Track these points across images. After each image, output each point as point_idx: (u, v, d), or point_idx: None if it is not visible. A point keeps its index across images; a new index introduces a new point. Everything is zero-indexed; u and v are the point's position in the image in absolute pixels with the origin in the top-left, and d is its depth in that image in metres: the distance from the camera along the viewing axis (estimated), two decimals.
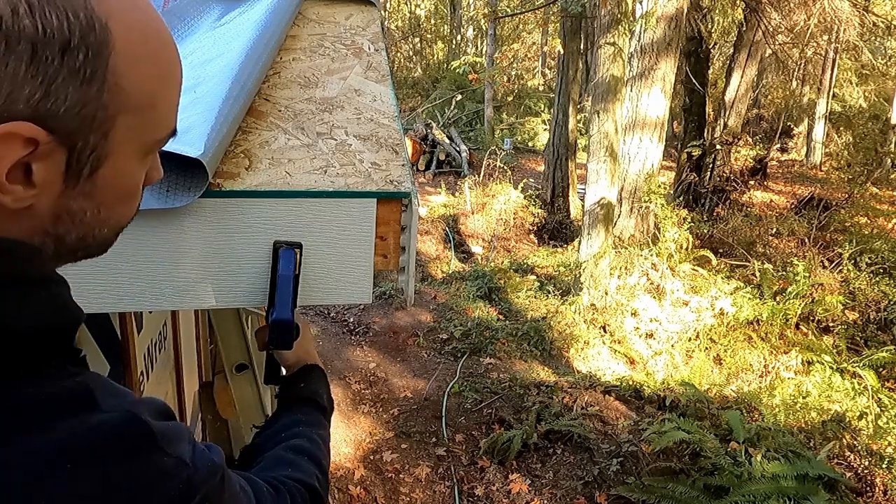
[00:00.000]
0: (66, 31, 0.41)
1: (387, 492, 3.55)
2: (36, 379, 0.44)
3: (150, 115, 0.49)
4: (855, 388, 4.84)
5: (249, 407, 1.69)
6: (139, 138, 0.49)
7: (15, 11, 0.39)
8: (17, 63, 0.40)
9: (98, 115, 0.45)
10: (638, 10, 7.04)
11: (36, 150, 0.42)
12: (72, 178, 0.46)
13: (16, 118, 0.41)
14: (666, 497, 3.22)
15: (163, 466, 0.47)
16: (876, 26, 10.22)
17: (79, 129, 0.44)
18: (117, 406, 0.46)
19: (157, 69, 0.48)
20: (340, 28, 1.21)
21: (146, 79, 0.47)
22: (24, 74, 0.40)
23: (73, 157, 0.45)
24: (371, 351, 5.25)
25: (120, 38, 0.44)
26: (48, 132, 0.42)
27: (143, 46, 0.47)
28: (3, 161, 0.41)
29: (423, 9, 25.79)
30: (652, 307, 6.15)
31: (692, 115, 10.22)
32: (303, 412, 0.91)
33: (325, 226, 0.96)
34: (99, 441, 0.44)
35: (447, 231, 9.12)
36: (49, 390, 0.44)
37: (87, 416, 0.44)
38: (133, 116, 0.47)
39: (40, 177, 0.44)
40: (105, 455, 0.44)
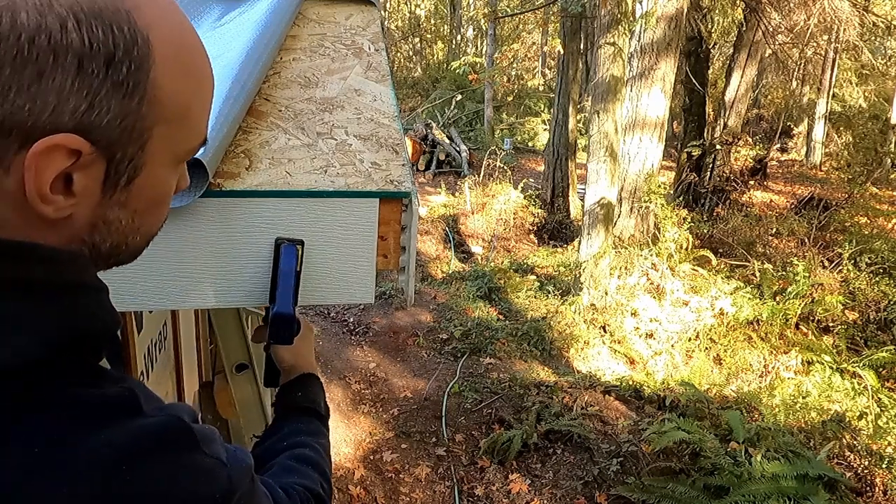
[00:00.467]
0: (111, 45, 0.42)
1: (387, 492, 3.55)
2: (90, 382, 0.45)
3: (185, 125, 0.50)
4: (855, 388, 4.84)
5: (249, 407, 1.69)
6: (173, 148, 0.50)
7: (63, 26, 0.40)
8: (63, 76, 0.41)
9: (137, 126, 0.46)
10: (638, 10, 7.04)
11: (78, 160, 0.43)
12: (109, 188, 0.47)
13: (60, 130, 0.42)
14: (666, 497, 3.22)
15: (205, 467, 0.48)
16: (876, 26, 10.23)
17: (118, 140, 0.45)
18: (159, 410, 0.48)
19: (192, 81, 0.50)
20: (340, 28, 1.21)
21: (182, 91, 0.48)
22: (70, 87, 0.41)
23: (112, 167, 0.46)
24: (371, 351, 5.25)
25: (160, 51, 0.45)
26: (91, 143, 0.43)
27: (181, 59, 0.48)
28: (47, 172, 0.42)
29: (423, 9, 25.78)
30: (652, 307, 6.15)
31: (692, 115, 10.22)
32: (303, 421, 0.92)
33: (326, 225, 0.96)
34: (148, 443, 0.45)
35: (447, 231, 9.12)
36: (103, 393, 0.45)
37: (134, 419, 0.45)
38: (168, 127, 0.48)
39: (80, 186, 0.45)
40: (154, 456, 0.45)
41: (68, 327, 0.45)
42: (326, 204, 0.95)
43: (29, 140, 0.41)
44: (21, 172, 0.42)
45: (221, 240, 0.91)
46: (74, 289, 0.47)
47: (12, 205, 0.43)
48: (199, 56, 0.51)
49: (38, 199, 0.43)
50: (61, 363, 0.44)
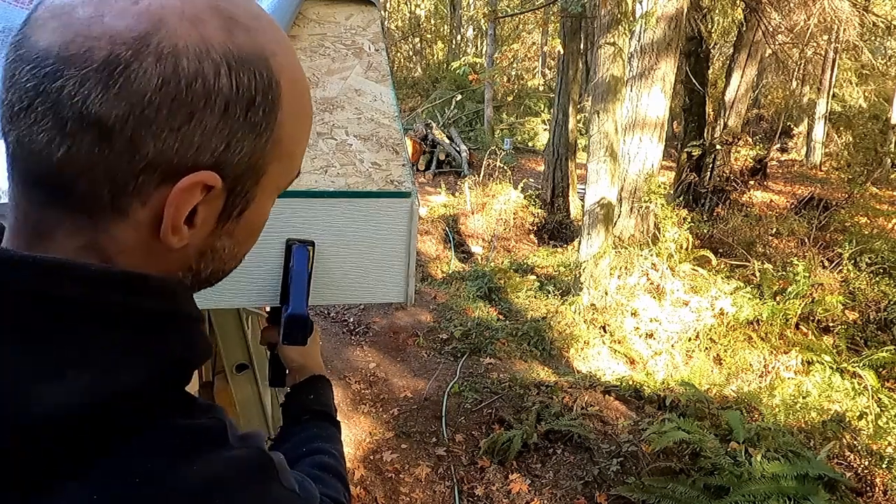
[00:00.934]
0: (252, 91, 0.45)
1: (387, 492, 3.55)
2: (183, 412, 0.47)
3: (292, 161, 0.53)
4: (855, 388, 4.84)
5: (249, 407, 1.69)
6: (279, 182, 0.53)
7: (217, 73, 0.43)
8: (210, 118, 0.43)
9: (259, 163, 0.49)
10: (638, 10, 7.03)
11: (207, 195, 0.46)
12: (223, 219, 0.50)
13: (200, 168, 0.44)
14: (666, 497, 3.22)
15: (283, 499, 0.50)
16: (876, 26, 10.22)
17: (242, 176, 0.48)
18: (241, 440, 0.49)
19: (305, 122, 0.53)
20: (341, 28, 1.21)
21: (297, 131, 0.52)
22: (214, 129, 0.44)
23: (230, 200, 0.49)
24: (371, 351, 5.25)
25: (287, 93, 0.48)
26: (222, 179, 0.46)
27: (300, 102, 0.51)
28: (184, 206, 0.45)
29: (423, 9, 25.78)
30: (652, 307, 6.15)
31: (692, 115, 10.22)
32: (318, 426, 0.91)
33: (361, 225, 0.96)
34: (238, 475, 0.47)
35: (447, 231, 9.12)
36: (195, 423, 0.47)
37: (224, 450, 0.47)
38: (281, 163, 0.51)
39: (201, 219, 0.47)
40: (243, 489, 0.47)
41: (171, 357, 0.47)
42: (355, 204, 0.95)
43: (170, 176, 0.44)
44: (157, 205, 0.44)
45: None
46: (178, 320, 0.49)
47: (140, 234, 0.46)
48: (310, 99, 0.54)
49: (171, 230, 0.45)
50: (160, 392, 0.46)
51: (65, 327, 0.42)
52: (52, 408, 0.40)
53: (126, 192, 0.43)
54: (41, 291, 0.42)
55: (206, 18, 0.43)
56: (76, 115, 0.41)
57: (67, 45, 0.41)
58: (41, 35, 0.42)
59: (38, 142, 0.42)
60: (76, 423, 0.41)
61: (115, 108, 0.41)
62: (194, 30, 0.43)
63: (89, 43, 0.41)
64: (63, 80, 0.40)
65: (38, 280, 0.42)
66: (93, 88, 0.40)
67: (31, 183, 0.44)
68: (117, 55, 0.41)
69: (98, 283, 0.43)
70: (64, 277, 0.42)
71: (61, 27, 0.41)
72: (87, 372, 0.42)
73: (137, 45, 0.41)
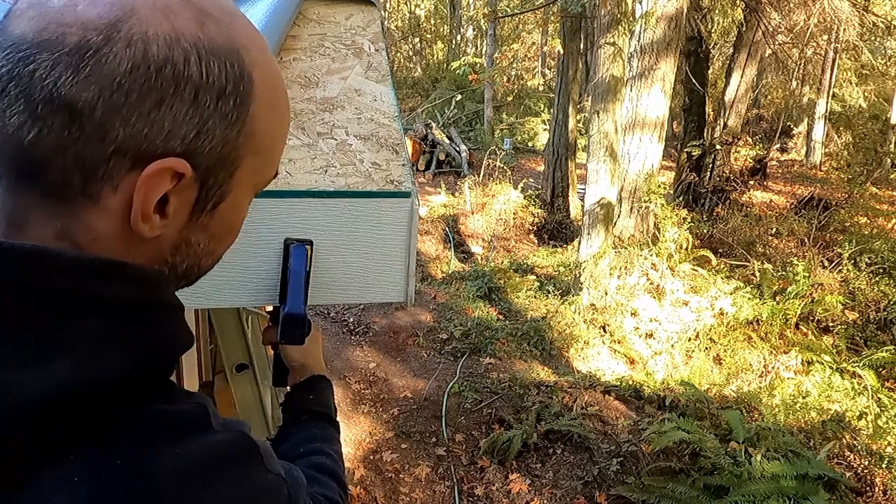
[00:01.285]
0: (223, 80, 0.46)
1: (387, 492, 3.55)
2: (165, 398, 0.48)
3: (268, 157, 0.54)
4: (855, 388, 4.84)
5: (249, 407, 1.69)
6: (255, 178, 0.54)
7: (187, 60, 0.44)
8: (180, 105, 0.44)
9: (232, 155, 0.49)
10: (638, 10, 7.04)
11: (178, 183, 0.46)
12: (197, 212, 0.50)
13: (170, 154, 0.45)
14: (666, 497, 3.22)
15: (270, 483, 0.51)
16: (876, 26, 10.22)
17: (214, 167, 0.48)
18: (223, 426, 0.50)
19: (280, 117, 0.54)
20: (341, 28, 1.21)
21: (272, 125, 0.52)
22: (185, 115, 0.45)
23: (203, 192, 0.49)
24: (371, 351, 5.25)
25: (259, 87, 0.49)
26: (192, 168, 0.46)
27: (274, 96, 0.52)
28: (153, 193, 0.45)
29: (423, 9, 25.78)
30: (652, 307, 6.15)
31: (692, 115, 10.22)
32: (317, 427, 0.91)
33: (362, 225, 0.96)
34: (221, 458, 0.47)
35: (447, 231, 9.12)
36: (177, 409, 0.47)
37: (206, 434, 0.48)
38: (256, 158, 0.52)
39: (173, 209, 0.48)
40: (226, 471, 0.47)
41: (152, 346, 0.47)
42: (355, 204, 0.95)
43: (140, 162, 0.44)
44: (128, 191, 0.45)
45: None
46: (159, 309, 0.49)
47: (112, 222, 0.46)
48: (286, 95, 0.55)
49: (141, 217, 0.46)
50: (141, 381, 0.46)
51: (43, 315, 0.42)
52: (32, 395, 0.40)
53: (96, 176, 0.44)
54: (18, 279, 0.42)
55: (177, 10, 0.45)
56: (47, 97, 0.41)
57: (41, 32, 0.42)
58: (18, 24, 0.43)
59: (11, 125, 0.42)
60: (57, 411, 0.41)
61: (85, 91, 0.41)
62: (165, 19, 0.44)
63: (62, 29, 0.42)
64: (35, 64, 0.41)
65: (15, 268, 0.42)
66: (63, 72, 0.41)
67: (6, 168, 0.45)
68: (88, 40, 0.42)
69: (75, 271, 0.44)
70: (40, 265, 0.43)
71: (37, 16, 0.43)
72: (67, 360, 0.42)
73: (108, 30, 0.42)
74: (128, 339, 0.45)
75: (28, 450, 0.40)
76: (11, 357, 0.41)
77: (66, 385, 0.41)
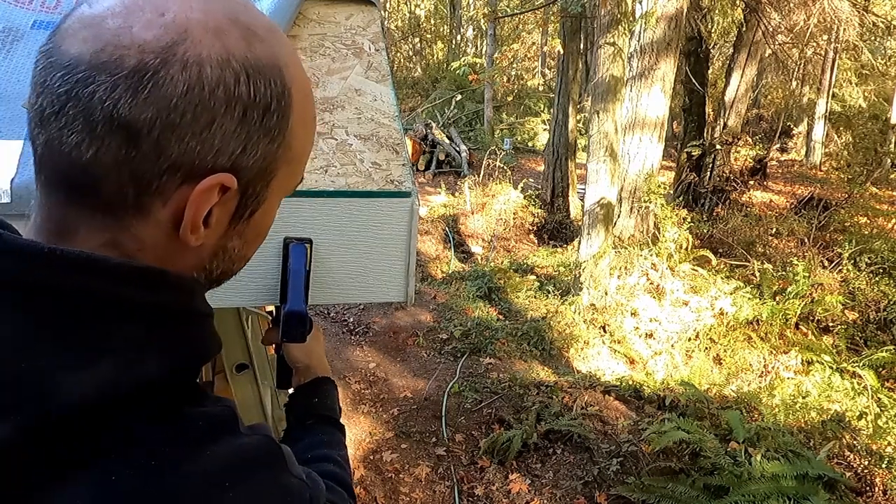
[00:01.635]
0: (268, 98, 0.48)
1: (387, 492, 3.55)
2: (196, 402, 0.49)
3: (299, 165, 0.56)
4: (855, 388, 4.84)
5: (249, 407, 1.69)
6: (286, 186, 0.56)
7: (237, 80, 0.46)
8: (230, 123, 0.46)
9: (270, 167, 0.51)
10: (638, 10, 7.04)
11: (223, 196, 0.48)
12: (235, 221, 0.52)
13: (219, 170, 0.47)
14: (666, 497, 3.22)
15: (294, 486, 0.52)
16: (876, 26, 10.23)
17: (254, 179, 0.50)
18: (253, 429, 0.51)
19: (311, 128, 0.56)
20: (341, 28, 1.21)
21: (304, 136, 0.54)
22: (233, 132, 0.46)
23: (243, 201, 0.51)
24: (371, 351, 5.25)
25: (297, 102, 0.51)
26: (237, 181, 0.48)
27: (308, 109, 0.54)
28: (203, 206, 0.47)
29: (423, 9, 25.78)
30: (652, 307, 6.15)
31: (692, 115, 10.22)
32: (324, 432, 0.91)
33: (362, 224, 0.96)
34: (249, 461, 0.49)
35: (447, 231, 9.12)
36: (207, 412, 0.49)
37: (235, 437, 0.49)
38: (289, 167, 0.54)
39: (215, 219, 0.50)
40: (255, 474, 0.49)
41: (187, 351, 0.50)
42: (355, 204, 0.95)
43: (191, 177, 0.46)
44: (177, 205, 0.47)
45: None
46: (193, 316, 0.51)
47: (159, 232, 0.48)
48: (314, 107, 0.57)
49: (190, 229, 0.48)
50: (174, 384, 0.48)
51: (87, 319, 0.44)
52: (75, 397, 0.42)
53: (149, 191, 0.46)
54: (67, 284, 0.44)
55: (227, 30, 0.46)
56: (106, 118, 0.43)
57: (98, 54, 0.43)
58: (72, 44, 0.44)
59: (68, 143, 0.44)
60: (98, 412, 0.42)
61: (144, 112, 0.43)
62: (217, 40, 0.45)
63: (119, 52, 0.43)
64: (95, 86, 0.43)
65: (62, 272, 0.44)
66: (123, 94, 0.43)
67: (58, 183, 0.46)
68: (146, 63, 0.43)
69: (119, 277, 0.45)
70: (86, 270, 0.44)
71: (92, 37, 0.44)
72: (109, 363, 0.44)
73: (165, 53, 0.43)
74: (165, 344, 0.47)
75: (69, 448, 0.41)
76: (58, 359, 0.42)
77: (108, 388, 0.43)
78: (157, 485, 0.43)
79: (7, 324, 0.42)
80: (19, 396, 0.41)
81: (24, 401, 0.40)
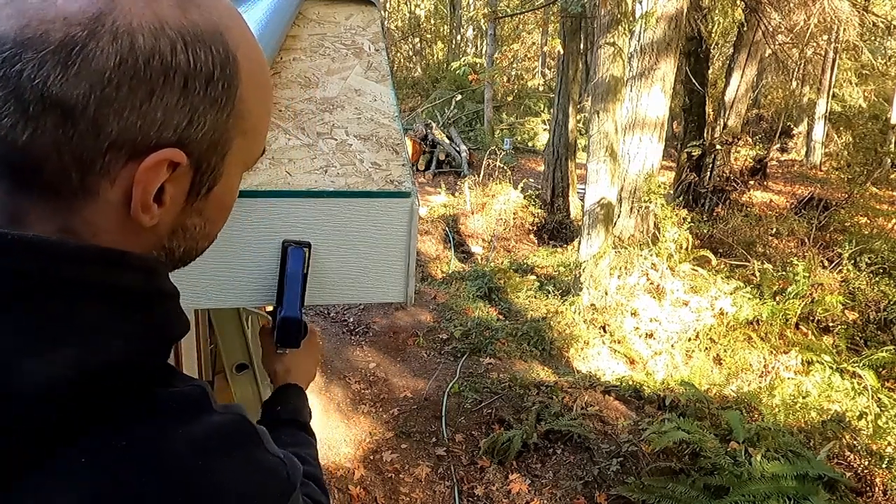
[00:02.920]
0: (210, 65, 0.46)
1: (387, 492, 3.55)
2: (167, 381, 0.48)
3: (256, 136, 0.54)
4: (855, 388, 4.84)
5: (249, 407, 1.69)
6: (245, 158, 0.54)
7: (174, 49, 0.44)
8: (171, 95, 0.44)
9: (223, 138, 0.49)
10: (638, 10, 7.04)
11: (173, 172, 0.47)
12: (192, 197, 0.50)
13: (164, 145, 0.45)
14: (666, 497, 3.22)
15: (271, 463, 0.51)
16: (876, 26, 10.23)
17: (206, 152, 0.49)
18: (227, 408, 0.50)
19: (265, 95, 0.54)
20: (341, 28, 1.21)
21: (258, 104, 0.52)
22: (176, 105, 0.45)
23: (197, 177, 0.50)
24: (371, 351, 5.25)
25: (244, 68, 0.49)
26: (187, 156, 0.47)
27: (258, 75, 0.52)
28: (152, 184, 0.46)
29: (423, 9, 25.78)
30: (652, 307, 6.15)
31: (692, 115, 10.22)
32: (285, 433, 0.91)
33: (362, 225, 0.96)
34: (223, 438, 0.48)
35: (447, 231, 9.12)
36: (179, 391, 0.48)
37: (208, 415, 0.48)
38: (245, 138, 0.52)
39: (169, 196, 0.48)
40: (229, 451, 0.48)
41: (153, 332, 0.48)
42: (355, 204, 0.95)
43: (136, 154, 0.44)
44: (126, 184, 0.45)
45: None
46: (157, 296, 0.50)
47: (112, 214, 0.46)
48: (267, 72, 0.55)
49: (141, 208, 0.46)
50: (143, 365, 0.47)
51: (50, 303, 0.43)
52: (40, 381, 0.40)
53: (93, 171, 0.44)
54: (24, 268, 0.42)
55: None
56: (37, 97, 0.41)
57: (23, 30, 0.41)
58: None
59: (3, 126, 0.42)
60: (64, 395, 0.41)
61: (76, 88, 0.41)
62: (147, 8, 0.43)
63: (45, 26, 0.41)
64: (22, 64, 0.41)
65: (20, 257, 0.42)
66: (52, 70, 0.41)
67: (2, 170, 0.44)
68: (73, 36, 0.41)
69: (77, 259, 0.44)
70: (44, 254, 0.43)
71: (16, 13, 0.42)
72: (73, 346, 0.42)
73: (92, 24, 0.41)
74: (129, 325, 0.46)
75: (36, 433, 0.41)
76: (20, 344, 0.41)
77: (74, 370, 0.42)
78: (130, 469, 0.42)
79: None
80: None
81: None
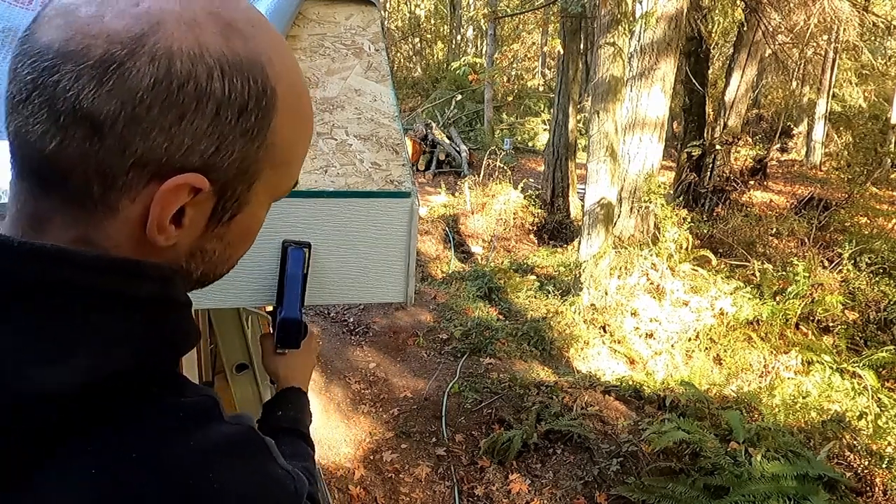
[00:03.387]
0: (245, 96, 0.46)
1: (387, 492, 3.55)
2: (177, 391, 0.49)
3: (288, 169, 0.54)
4: (855, 388, 4.84)
5: (249, 407, 1.69)
6: (274, 189, 0.54)
7: (210, 76, 0.44)
8: (201, 121, 0.44)
9: (251, 168, 0.49)
10: (638, 10, 7.03)
11: (195, 196, 0.47)
12: (213, 222, 0.51)
13: (188, 169, 0.45)
14: (666, 497, 3.22)
15: (279, 475, 0.52)
16: (876, 26, 10.23)
17: (232, 181, 0.49)
18: (237, 418, 0.51)
19: (303, 129, 0.53)
20: (341, 28, 1.21)
21: (294, 138, 0.52)
22: (205, 131, 0.45)
23: (220, 203, 0.50)
24: (371, 351, 5.25)
25: (283, 100, 0.49)
26: (210, 182, 0.47)
27: (298, 108, 0.51)
28: (169, 207, 0.46)
29: (423, 9, 25.78)
30: (652, 307, 6.15)
31: (692, 115, 10.22)
32: (285, 442, 0.90)
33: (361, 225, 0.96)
34: (232, 448, 0.48)
35: (447, 231, 9.12)
36: (189, 401, 0.48)
37: (218, 425, 0.49)
38: (275, 170, 0.51)
39: (189, 220, 0.48)
40: (237, 461, 0.48)
41: (165, 342, 0.49)
42: (355, 204, 0.95)
43: (159, 175, 0.45)
44: (146, 203, 0.45)
45: None
46: (170, 305, 0.50)
47: (130, 231, 0.47)
48: (309, 105, 0.54)
49: (156, 229, 0.46)
50: (154, 374, 0.48)
51: (63, 311, 0.43)
52: (52, 387, 0.41)
53: (115, 187, 0.45)
54: (39, 277, 0.43)
55: (203, 23, 0.44)
56: (69, 108, 0.42)
57: (67, 42, 0.42)
58: (45, 31, 0.43)
59: (34, 133, 0.43)
60: (75, 402, 0.42)
61: (108, 104, 0.42)
62: (190, 33, 0.44)
63: (87, 41, 0.42)
64: (59, 75, 0.42)
65: (36, 266, 0.43)
66: (87, 84, 0.41)
67: (28, 172, 0.46)
68: (112, 53, 0.42)
69: (94, 269, 0.45)
70: (61, 263, 0.44)
71: (64, 25, 0.43)
72: (85, 353, 0.43)
73: (133, 44, 0.42)
74: (141, 335, 0.47)
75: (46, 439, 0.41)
76: (34, 352, 0.42)
77: (86, 378, 0.42)
78: (137, 478, 0.42)
79: None
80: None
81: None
